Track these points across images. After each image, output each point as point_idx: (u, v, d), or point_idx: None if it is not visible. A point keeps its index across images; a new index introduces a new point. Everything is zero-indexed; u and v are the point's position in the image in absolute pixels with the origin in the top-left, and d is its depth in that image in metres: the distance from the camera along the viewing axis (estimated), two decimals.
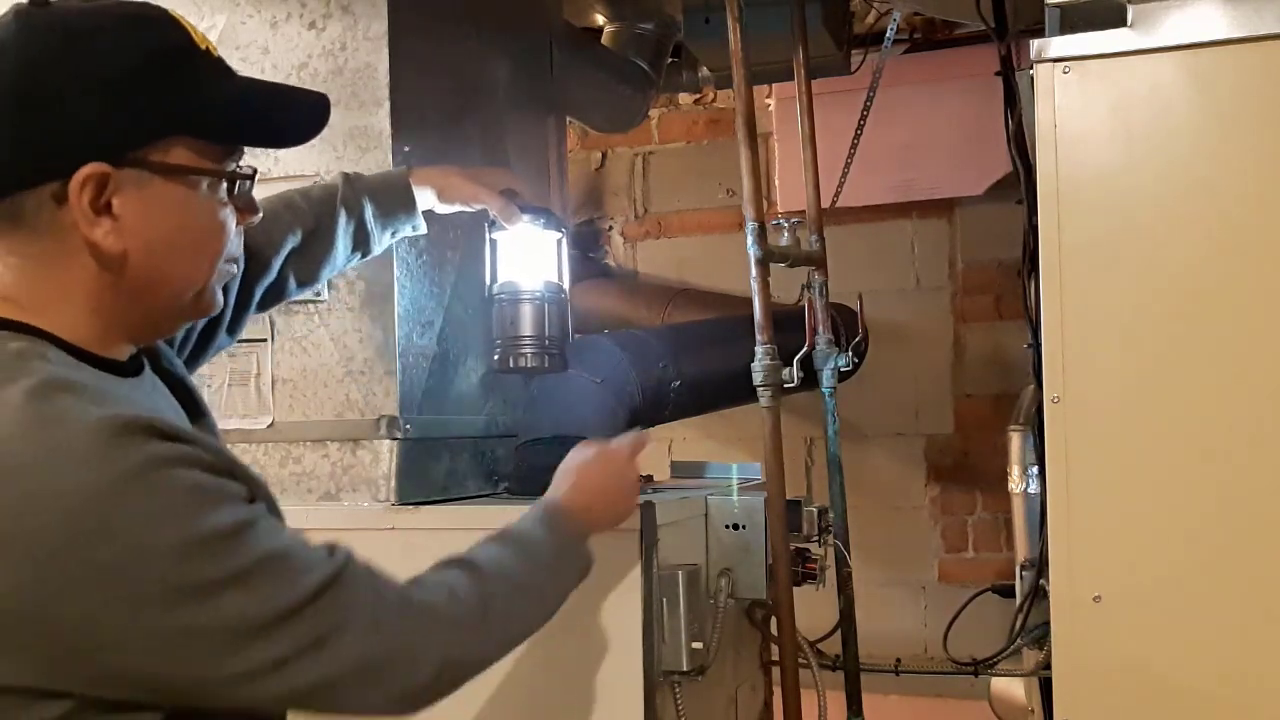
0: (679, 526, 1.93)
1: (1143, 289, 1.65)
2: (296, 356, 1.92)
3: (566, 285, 1.93)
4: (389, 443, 1.87)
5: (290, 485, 1.91)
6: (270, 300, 1.58)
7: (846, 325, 2.65)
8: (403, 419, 1.87)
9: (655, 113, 4.21)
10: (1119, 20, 1.65)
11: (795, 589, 2.14)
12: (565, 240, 1.92)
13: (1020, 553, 2.44)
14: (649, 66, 2.97)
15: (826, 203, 2.75)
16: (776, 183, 4.00)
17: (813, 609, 2.35)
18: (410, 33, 1.94)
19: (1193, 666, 1.62)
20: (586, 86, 2.73)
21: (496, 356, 1.89)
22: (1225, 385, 1.62)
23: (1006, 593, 2.50)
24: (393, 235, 1.73)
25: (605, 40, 2.99)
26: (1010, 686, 2.56)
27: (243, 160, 1.12)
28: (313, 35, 1.94)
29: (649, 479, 2.44)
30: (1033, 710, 2.49)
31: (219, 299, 1.15)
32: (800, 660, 2.17)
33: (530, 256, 1.89)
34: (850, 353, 2.49)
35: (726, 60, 2.17)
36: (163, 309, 1.09)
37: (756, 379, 2.13)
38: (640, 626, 1.75)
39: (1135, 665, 1.64)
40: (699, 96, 4.15)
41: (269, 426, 1.92)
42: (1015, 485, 2.46)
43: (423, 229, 1.76)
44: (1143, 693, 1.64)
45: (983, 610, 2.63)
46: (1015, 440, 2.45)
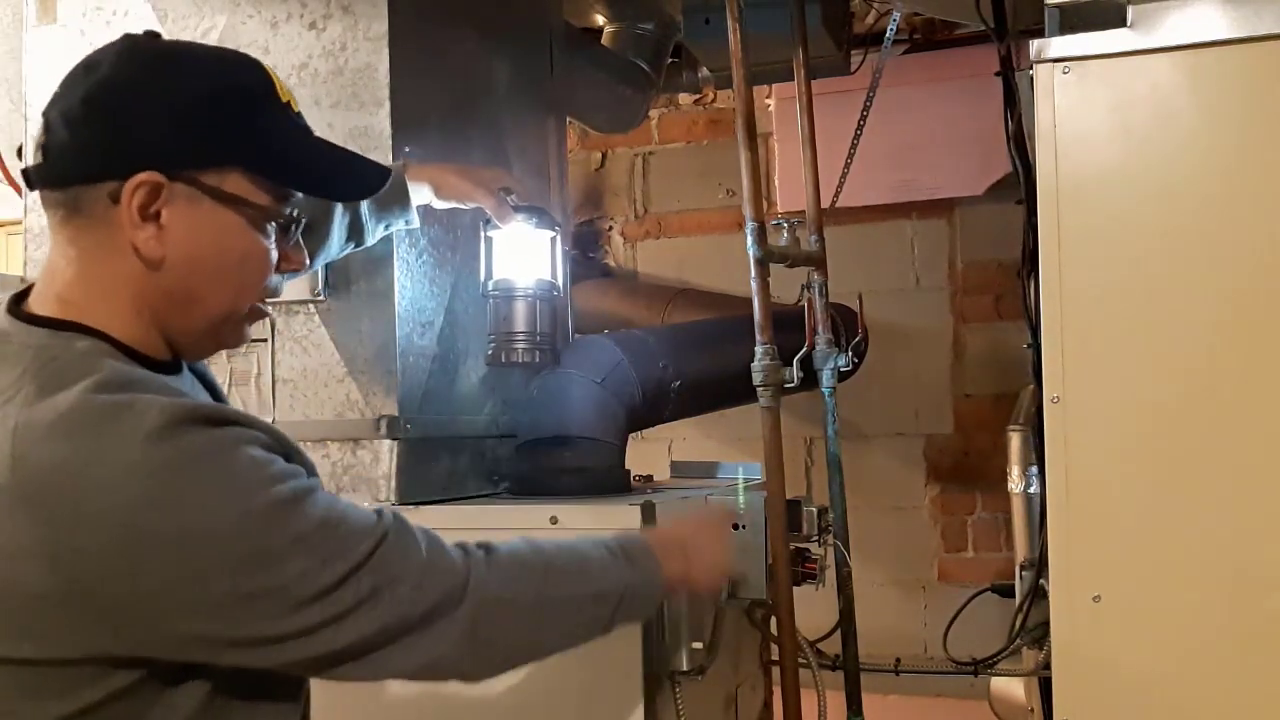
0: None
1: (1142, 288, 1.65)
2: (297, 356, 1.93)
3: (560, 282, 1.94)
4: (389, 443, 1.87)
5: None
6: None
7: (846, 325, 2.65)
8: (403, 419, 1.87)
9: (655, 113, 4.21)
10: (1119, 20, 1.65)
11: (795, 589, 2.14)
12: (559, 238, 1.94)
13: (1020, 553, 2.45)
14: (649, 67, 2.97)
15: (826, 203, 2.75)
16: (776, 183, 4.00)
17: (813, 609, 2.35)
18: (410, 33, 1.94)
19: (1192, 666, 1.62)
20: (586, 87, 2.73)
21: (490, 351, 1.93)
22: (1225, 385, 1.62)
23: (1006, 592, 2.51)
24: (386, 228, 1.79)
25: (605, 40, 2.99)
26: (1010, 686, 2.56)
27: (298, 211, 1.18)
28: (313, 35, 1.94)
29: (649, 479, 2.44)
30: (1032, 710, 2.49)
31: (248, 335, 1.21)
32: (800, 660, 2.17)
33: (524, 254, 1.92)
34: (850, 353, 2.49)
35: (726, 60, 2.17)
36: (194, 326, 1.14)
37: (756, 379, 2.13)
38: (640, 627, 1.75)
39: (1135, 665, 1.64)
40: (699, 97, 4.15)
41: None
42: (1015, 485, 2.46)
43: (415, 223, 1.81)
44: (1142, 693, 1.64)
45: (982, 610, 2.63)
46: (1015, 440, 2.45)
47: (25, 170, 1.11)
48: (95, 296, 1.09)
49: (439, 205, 1.81)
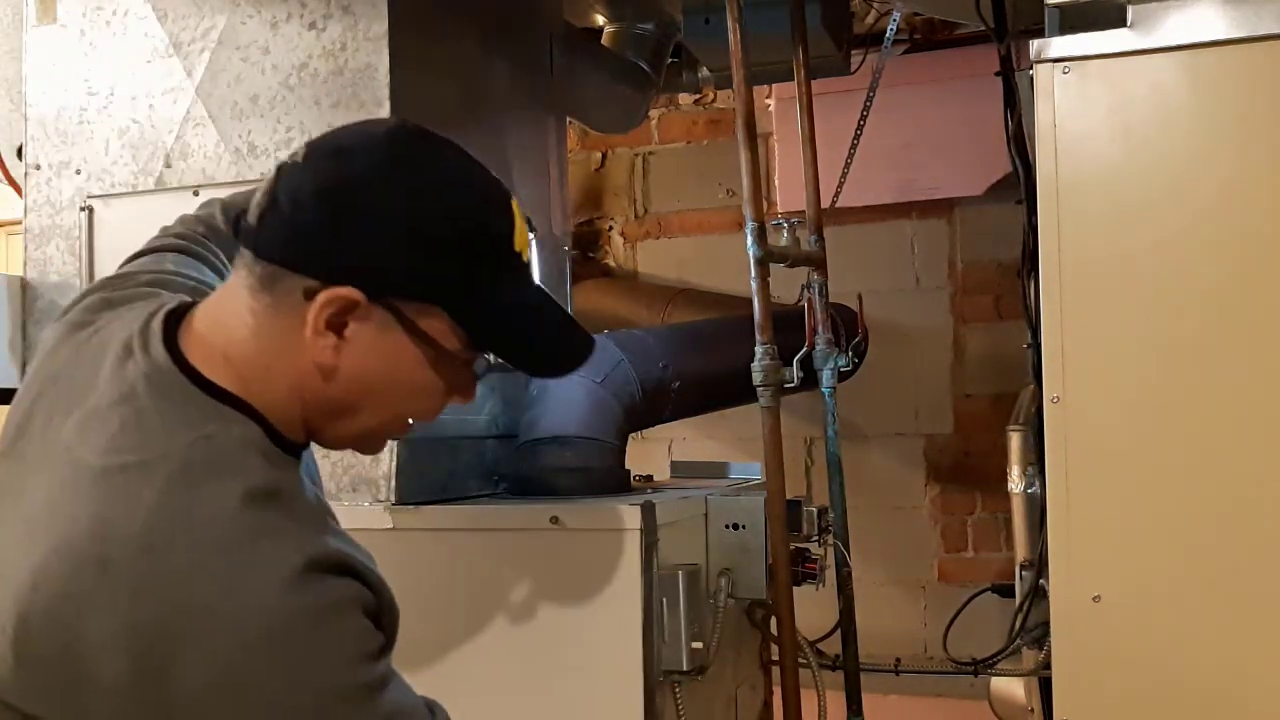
0: (679, 526, 1.93)
1: (1142, 289, 1.65)
2: None
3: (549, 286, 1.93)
4: (389, 442, 1.87)
5: None
6: None
7: (846, 325, 2.65)
8: None
9: (655, 113, 4.21)
10: (1119, 21, 1.65)
11: (795, 589, 2.14)
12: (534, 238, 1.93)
13: (1020, 553, 2.44)
14: (649, 66, 2.97)
15: (826, 203, 2.75)
16: (776, 183, 4.00)
17: (813, 609, 2.36)
18: (410, 33, 1.94)
19: (1192, 666, 1.62)
20: (586, 86, 2.73)
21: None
22: (1225, 385, 1.62)
23: (1006, 592, 2.50)
24: None
25: (605, 40, 2.99)
26: (1010, 686, 2.56)
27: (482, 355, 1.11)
28: (313, 35, 1.94)
29: (649, 479, 2.44)
30: (1032, 710, 2.49)
31: (383, 446, 1.17)
32: (800, 660, 2.17)
33: None
34: (850, 353, 2.49)
35: (726, 60, 2.17)
36: (342, 433, 1.10)
37: (756, 379, 2.13)
38: (640, 626, 1.75)
39: (1135, 665, 1.64)
40: (699, 97, 4.15)
41: None
42: (1015, 485, 2.45)
43: None
44: (1142, 692, 1.64)
45: (982, 610, 2.63)
46: (1015, 440, 2.44)
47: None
48: (260, 372, 1.03)
49: None
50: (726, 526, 2.06)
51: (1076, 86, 1.66)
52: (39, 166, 2.15)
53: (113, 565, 0.92)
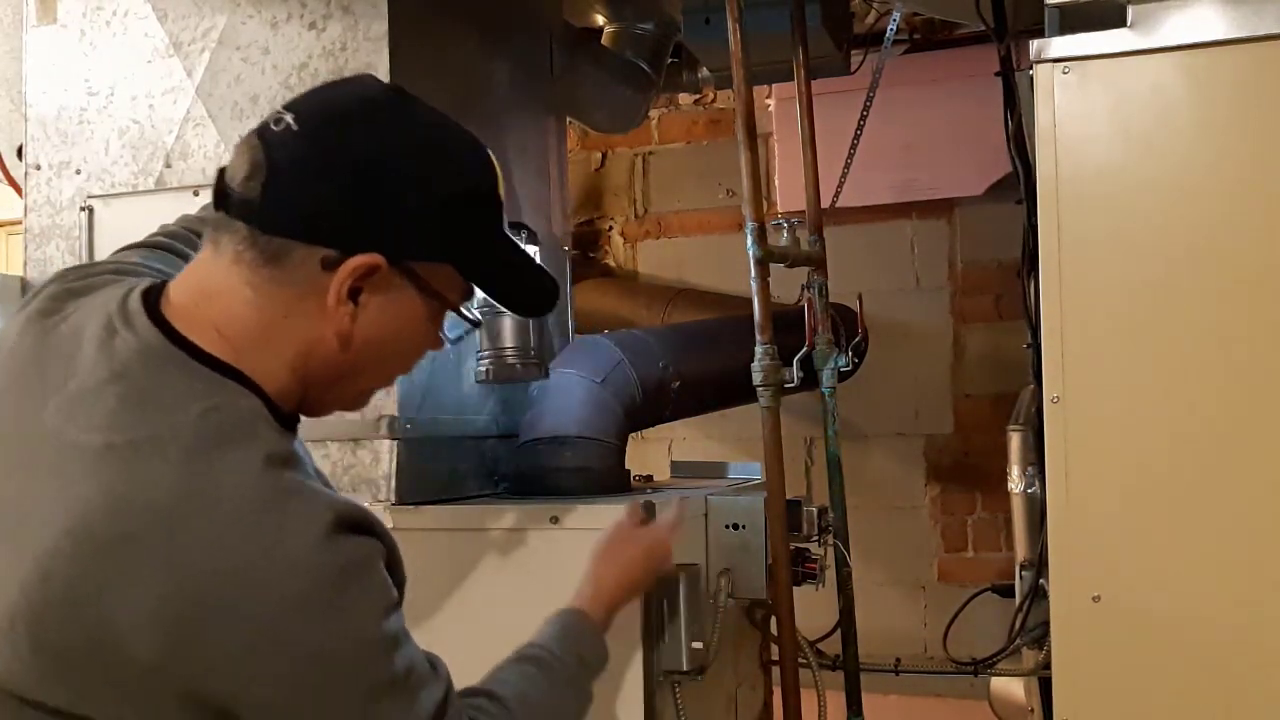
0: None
1: (1142, 289, 1.65)
2: None
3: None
4: (389, 442, 1.87)
5: None
6: None
7: (846, 325, 2.65)
8: (403, 418, 1.87)
9: (655, 113, 4.21)
10: (1119, 21, 1.65)
11: (795, 589, 2.14)
12: (539, 251, 1.92)
13: (1020, 553, 2.44)
14: (649, 67, 2.97)
15: (826, 203, 2.75)
16: (776, 183, 4.00)
17: (813, 609, 2.36)
18: (410, 33, 1.94)
19: (1191, 666, 1.62)
20: (586, 86, 2.73)
21: (482, 369, 1.89)
22: (1225, 385, 1.62)
23: (1006, 592, 2.50)
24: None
25: (605, 40, 2.99)
26: (1010, 686, 2.56)
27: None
28: (313, 36, 1.94)
29: (649, 479, 2.45)
30: (1032, 710, 2.49)
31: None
32: (800, 660, 2.17)
33: None
34: (850, 353, 2.49)
35: (726, 60, 2.17)
36: (341, 395, 1.12)
37: (756, 379, 2.13)
38: (640, 626, 1.75)
39: (1134, 665, 1.64)
40: (699, 97, 4.15)
41: None
42: (1015, 485, 2.45)
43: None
44: (1142, 692, 1.64)
45: (982, 610, 2.63)
46: (1015, 440, 2.44)
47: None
48: (260, 345, 1.03)
49: None
50: (726, 526, 2.06)
51: (1076, 87, 1.66)
52: (39, 166, 2.15)
53: (137, 540, 0.91)
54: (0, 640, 0.93)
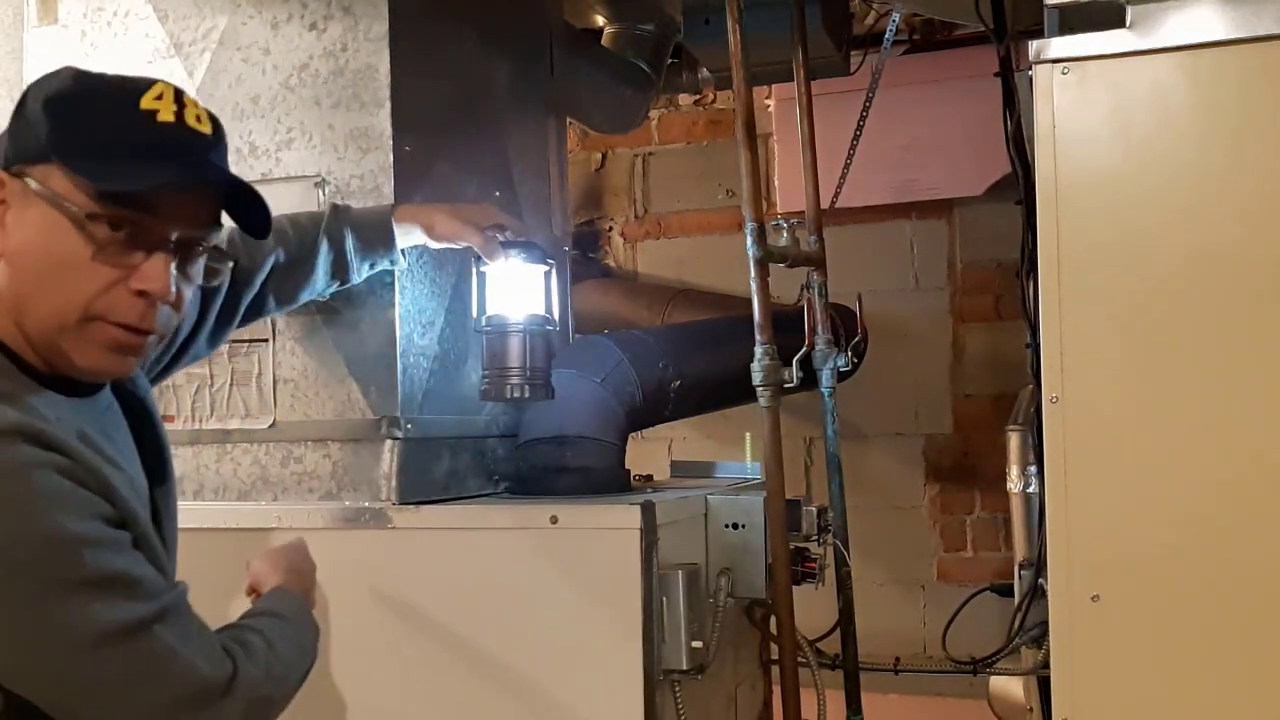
0: (679, 526, 1.94)
1: (1142, 289, 1.65)
2: (298, 356, 1.93)
3: (556, 313, 1.90)
4: (390, 442, 1.88)
5: (291, 485, 1.91)
6: (251, 315, 1.67)
7: (846, 325, 2.65)
8: (403, 419, 1.88)
9: (655, 113, 4.21)
10: (1118, 21, 1.65)
11: (795, 588, 2.14)
12: (554, 271, 1.90)
13: (1019, 552, 2.45)
14: (649, 67, 2.97)
15: (826, 203, 2.75)
16: (776, 183, 4.00)
17: (812, 608, 2.36)
18: (411, 34, 1.94)
19: (1191, 666, 1.63)
20: (586, 87, 2.73)
21: (484, 386, 1.87)
22: (1224, 385, 1.62)
23: (1005, 592, 2.51)
24: (371, 267, 1.79)
25: (605, 41, 2.99)
26: (1009, 685, 2.57)
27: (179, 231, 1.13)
28: (313, 36, 1.94)
29: (649, 479, 2.45)
30: (1031, 709, 2.50)
31: (116, 364, 1.15)
32: (800, 659, 2.17)
33: (517, 289, 1.86)
34: (850, 353, 2.49)
35: (726, 61, 2.18)
36: (36, 333, 1.11)
37: (756, 379, 2.13)
38: (640, 626, 1.75)
39: (1133, 664, 1.64)
40: (699, 97, 4.15)
41: (270, 426, 1.93)
42: (1014, 485, 2.46)
43: (401, 264, 1.82)
44: (1141, 692, 1.64)
45: (981, 609, 2.63)
46: (1014, 440, 2.45)
47: None
48: None
49: (434, 245, 1.82)
50: (726, 526, 2.06)
51: (1076, 87, 1.67)
52: None
53: None
54: None
